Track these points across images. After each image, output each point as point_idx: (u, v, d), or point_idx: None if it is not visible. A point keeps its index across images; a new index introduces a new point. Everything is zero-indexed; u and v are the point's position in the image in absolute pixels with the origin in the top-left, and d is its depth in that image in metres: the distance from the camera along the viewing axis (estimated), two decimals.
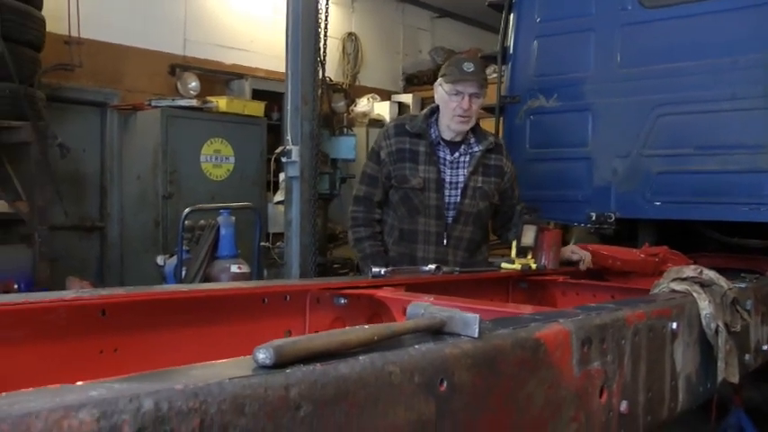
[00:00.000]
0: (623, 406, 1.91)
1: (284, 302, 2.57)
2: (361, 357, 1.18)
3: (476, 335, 1.42)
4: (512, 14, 5.65)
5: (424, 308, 1.49)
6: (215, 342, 2.29)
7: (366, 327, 1.28)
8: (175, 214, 8.24)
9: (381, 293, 2.67)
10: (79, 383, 0.93)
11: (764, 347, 3.08)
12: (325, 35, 6.15)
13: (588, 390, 1.76)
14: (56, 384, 0.91)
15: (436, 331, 1.44)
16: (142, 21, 9.72)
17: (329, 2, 6.25)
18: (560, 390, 1.65)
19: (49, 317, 1.97)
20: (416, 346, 1.31)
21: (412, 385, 1.24)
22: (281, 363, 1.07)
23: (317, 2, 5.82)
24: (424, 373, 1.26)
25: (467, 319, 1.43)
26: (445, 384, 1.31)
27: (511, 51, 5.63)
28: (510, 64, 5.63)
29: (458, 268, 3.47)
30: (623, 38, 5.03)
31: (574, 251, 4.01)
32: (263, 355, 1.07)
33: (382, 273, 2.91)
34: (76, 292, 2.10)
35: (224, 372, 1.02)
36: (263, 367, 1.06)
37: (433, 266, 3.19)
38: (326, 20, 6.20)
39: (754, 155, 4.49)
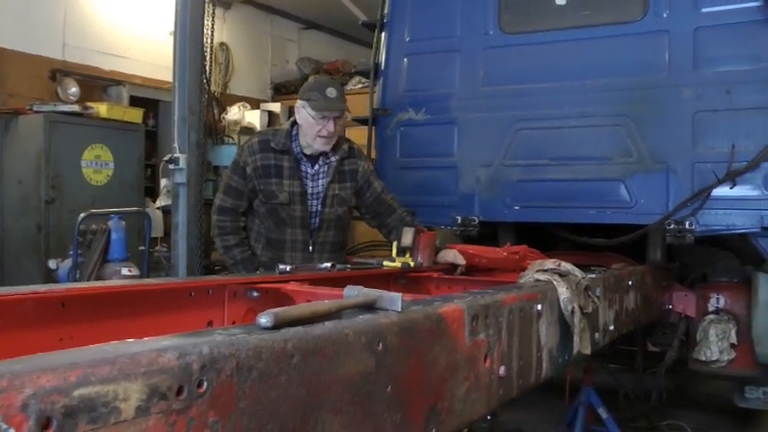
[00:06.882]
0: (502, 370, 2.36)
1: (207, 296, 2.93)
2: (327, 323, 1.61)
3: (399, 309, 1.86)
4: (383, 33, 5.97)
5: (358, 290, 1.92)
6: (155, 329, 2.61)
7: (326, 301, 1.71)
8: (58, 219, 8.36)
9: (289, 287, 3.03)
10: (146, 339, 1.33)
11: (611, 328, 3.59)
12: (211, 49, 6.43)
13: (476, 356, 2.21)
14: None
15: (370, 306, 1.87)
16: (22, 24, 9.66)
17: (214, 16, 6.52)
18: (456, 354, 2.09)
19: (16, 309, 2.24)
20: (361, 317, 1.74)
21: (360, 344, 1.66)
22: (276, 325, 1.49)
23: (204, 18, 6.08)
24: (368, 335, 1.69)
25: (392, 297, 1.87)
26: (381, 345, 1.73)
27: (382, 67, 5.95)
28: (381, 79, 5.95)
29: (349, 265, 3.86)
30: (485, 59, 5.49)
31: (456, 256, 4.29)
32: (265, 319, 1.48)
33: (288, 270, 3.31)
34: (41, 286, 2.42)
35: (242, 331, 1.44)
36: (266, 328, 1.48)
37: (328, 264, 3.58)
38: (212, 35, 6.48)
39: (600, 165, 5.04)
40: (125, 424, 1.11)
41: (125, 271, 6.63)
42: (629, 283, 4.10)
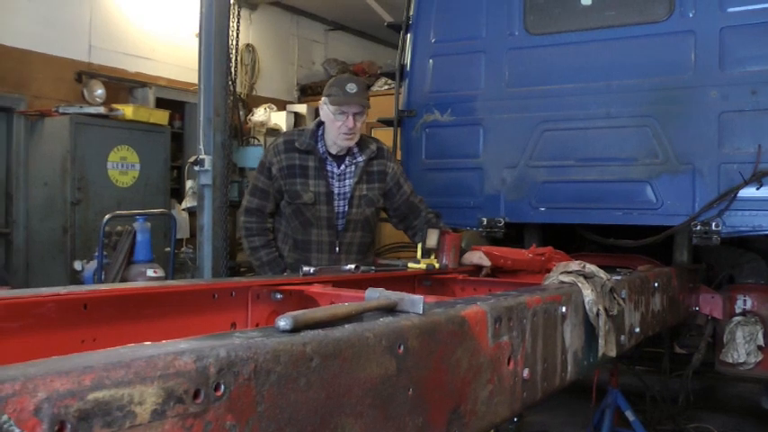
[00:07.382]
0: (525, 373, 2.34)
1: (230, 298, 2.92)
2: (347, 325, 1.59)
3: (421, 312, 1.84)
4: (409, 34, 5.97)
5: (379, 292, 1.91)
6: (177, 331, 2.62)
7: (346, 304, 1.70)
8: (84, 221, 8.42)
9: (313, 289, 3.01)
10: (163, 341, 1.32)
11: (636, 330, 3.55)
12: (237, 50, 6.46)
13: (500, 358, 2.19)
14: None
15: (391, 309, 1.86)
16: (47, 26, 9.72)
17: (239, 18, 6.54)
18: (479, 357, 2.07)
19: (39, 310, 2.22)
20: (382, 319, 1.72)
21: (381, 347, 1.64)
22: (296, 328, 1.47)
23: (229, 20, 6.11)
24: (389, 338, 1.66)
25: (414, 299, 1.85)
26: (402, 348, 1.71)
27: (408, 68, 5.96)
28: (407, 80, 5.96)
29: (373, 267, 3.84)
30: (511, 60, 5.49)
31: (481, 257, 4.25)
32: (284, 322, 1.46)
33: (311, 272, 3.30)
34: (63, 288, 2.42)
35: (260, 334, 1.42)
36: (285, 331, 1.46)
37: (352, 266, 3.57)
38: (237, 36, 6.50)
39: (626, 166, 5.02)
40: (140, 428, 1.10)
41: (150, 272, 6.67)
42: (655, 284, 4.06)
